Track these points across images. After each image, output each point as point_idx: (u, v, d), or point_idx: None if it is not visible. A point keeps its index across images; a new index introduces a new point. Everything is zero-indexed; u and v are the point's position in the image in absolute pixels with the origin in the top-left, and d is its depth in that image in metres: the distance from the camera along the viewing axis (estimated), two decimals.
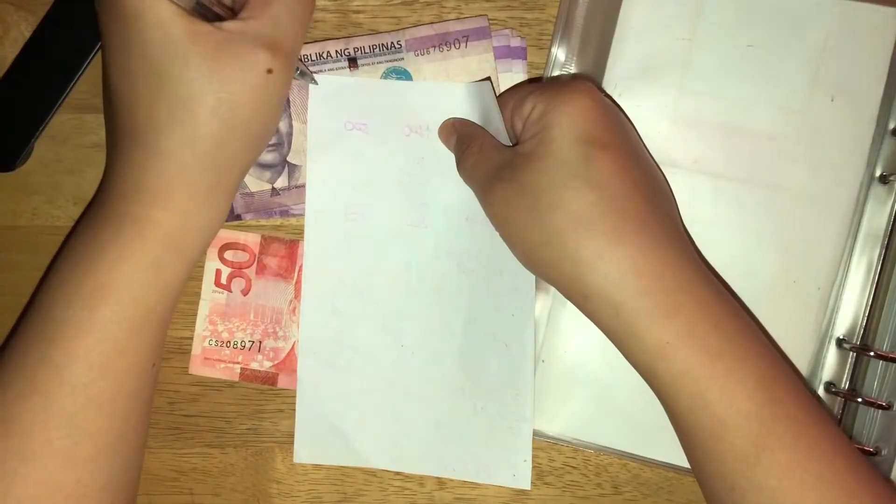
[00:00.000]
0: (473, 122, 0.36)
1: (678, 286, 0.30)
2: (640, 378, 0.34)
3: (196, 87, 0.29)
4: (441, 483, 0.39)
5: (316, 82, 0.37)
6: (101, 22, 0.30)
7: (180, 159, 0.30)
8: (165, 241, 0.30)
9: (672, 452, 0.37)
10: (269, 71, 0.30)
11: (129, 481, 0.32)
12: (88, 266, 0.30)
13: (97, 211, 0.31)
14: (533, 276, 0.37)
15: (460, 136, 0.36)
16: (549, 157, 0.30)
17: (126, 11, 0.28)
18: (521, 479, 0.38)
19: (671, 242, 0.31)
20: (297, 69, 0.35)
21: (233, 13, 0.31)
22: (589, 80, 0.33)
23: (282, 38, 0.31)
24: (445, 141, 0.37)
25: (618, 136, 0.31)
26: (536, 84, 0.36)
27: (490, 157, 0.33)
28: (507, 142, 0.34)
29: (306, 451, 0.39)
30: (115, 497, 0.31)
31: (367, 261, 0.38)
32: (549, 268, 0.31)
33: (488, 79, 0.36)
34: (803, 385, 0.31)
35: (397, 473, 0.39)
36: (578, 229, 0.30)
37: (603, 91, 0.36)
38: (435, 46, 0.37)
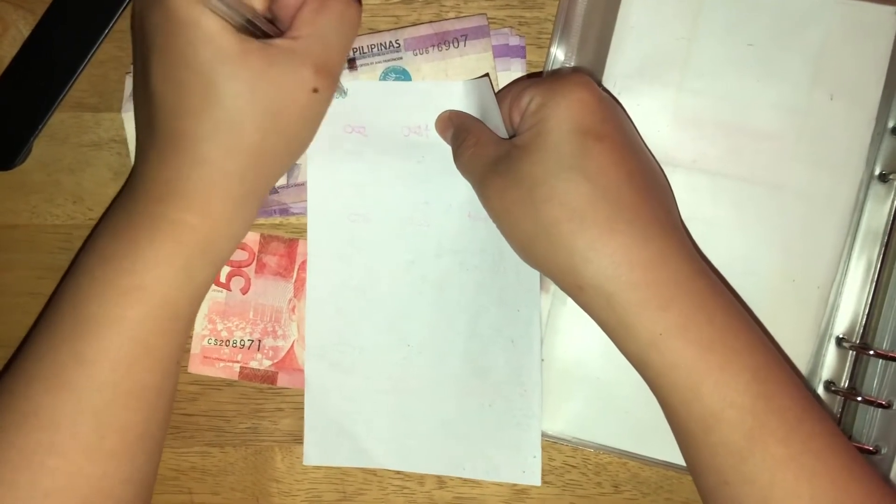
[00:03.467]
0: (470, 115, 0.36)
1: (672, 278, 0.30)
2: (640, 376, 0.34)
3: (244, 102, 0.29)
4: (441, 482, 0.39)
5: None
6: (146, 30, 0.30)
7: (222, 169, 0.30)
8: (199, 246, 0.31)
9: (671, 451, 0.37)
10: (315, 90, 0.31)
11: (150, 475, 0.33)
12: (122, 265, 0.30)
13: (130, 211, 0.31)
14: (537, 272, 0.37)
15: (457, 128, 0.36)
16: (544, 148, 0.31)
17: (179, 24, 0.29)
18: (531, 475, 0.38)
19: (666, 234, 0.31)
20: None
21: (280, 31, 0.31)
22: (587, 74, 0.33)
23: (329, 59, 0.31)
24: (442, 133, 0.37)
25: (614, 128, 0.31)
26: (534, 78, 0.36)
27: (487, 150, 0.33)
28: (505, 136, 0.34)
29: (316, 453, 0.39)
30: (137, 490, 0.31)
31: (371, 261, 0.38)
32: (544, 259, 0.31)
33: (486, 75, 0.36)
34: (798, 380, 0.31)
35: (397, 472, 0.39)
36: (572, 220, 0.30)
37: (601, 86, 0.36)
38: (434, 45, 0.37)
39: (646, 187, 0.31)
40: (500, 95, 0.34)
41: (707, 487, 0.30)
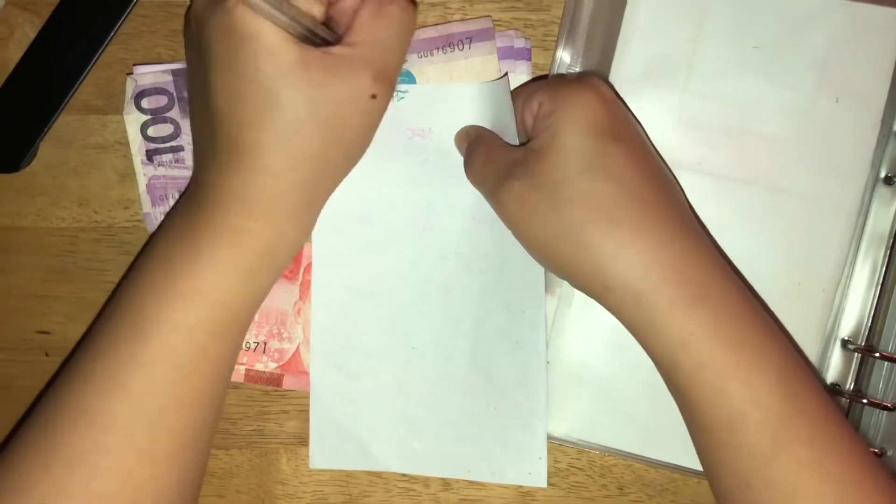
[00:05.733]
0: (486, 129, 0.36)
1: (700, 277, 0.30)
2: (645, 378, 0.34)
3: (305, 113, 0.29)
4: (446, 484, 0.39)
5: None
6: (204, 40, 0.30)
7: (284, 178, 0.30)
8: (260, 252, 0.31)
9: (677, 453, 0.37)
10: (373, 97, 0.31)
11: (198, 478, 0.33)
12: (183, 270, 0.30)
13: (191, 217, 0.31)
14: (542, 273, 0.37)
15: (471, 140, 0.36)
16: (563, 150, 0.31)
17: (240, 36, 0.28)
18: (537, 477, 0.38)
19: (690, 234, 0.31)
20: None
21: (337, 36, 0.31)
22: (597, 76, 0.33)
23: (387, 65, 0.31)
24: (459, 146, 0.37)
25: (628, 129, 0.32)
26: (545, 80, 0.36)
27: (499, 157, 0.33)
28: (517, 141, 0.34)
29: (321, 455, 0.39)
30: (185, 493, 0.31)
31: (376, 264, 0.38)
32: (567, 262, 0.31)
33: (506, 75, 0.36)
34: (818, 382, 0.31)
35: (402, 475, 0.39)
36: (599, 220, 0.30)
37: (610, 86, 0.36)
38: (438, 48, 0.37)
39: (665, 188, 0.31)
40: (511, 98, 0.34)
41: (727, 491, 0.30)
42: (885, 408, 0.35)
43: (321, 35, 0.30)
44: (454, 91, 0.37)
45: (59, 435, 0.29)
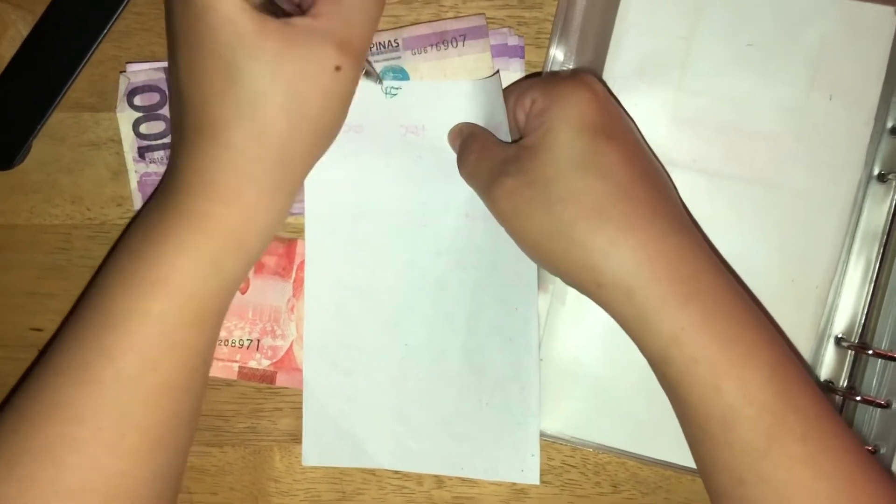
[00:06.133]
0: (478, 125, 0.36)
1: (692, 273, 0.30)
2: (639, 376, 0.34)
3: (265, 84, 0.28)
4: (439, 482, 0.39)
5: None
6: (171, 19, 0.30)
7: (247, 155, 0.29)
8: (226, 238, 0.30)
9: (671, 451, 0.37)
10: (338, 68, 0.30)
11: (174, 475, 0.32)
12: (149, 258, 0.30)
13: (160, 203, 0.31)
14: (535, 270, 0.37)
15: (464, 137, 0.36)
16: (555, 147, 0.30)
17: (199, 9, 0.28)
18: (530, 474, 0.38)
19: (682, 231, 0.31)
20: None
21: (300, 10, 0.31)
22: (590, 73, 0.33)
23: (351, 36, 0.30)
24: (452, 143, 0.37)
25: (621, 127, 0.32)
26: (538, 78, 0.36)
27: (492, 154, 0.33)
28: (509, 138, 0.34)
29: (315, 453, 0.39)
30: (159, 490, 0.31)
31: (369, 261, 0.38)
32: (560, 259, 0.31)
33: (497, 72, 0.36)
34: (811, 377, 0.31)
35: (396, 472, 0.39)
36: (591, 218, 0.30)
37: (604, 83, 0.36)
38: (432, 45, 0.37)
39: (657, 185, 0.31)
40: (504, 95, 0.34)
41: (720, 488, 0.30)
42: (879, 405, 0.35)
43: (283, 7, 0.30)
44: (447, 88, 0.37)
45: (29, 429, 0.29)
